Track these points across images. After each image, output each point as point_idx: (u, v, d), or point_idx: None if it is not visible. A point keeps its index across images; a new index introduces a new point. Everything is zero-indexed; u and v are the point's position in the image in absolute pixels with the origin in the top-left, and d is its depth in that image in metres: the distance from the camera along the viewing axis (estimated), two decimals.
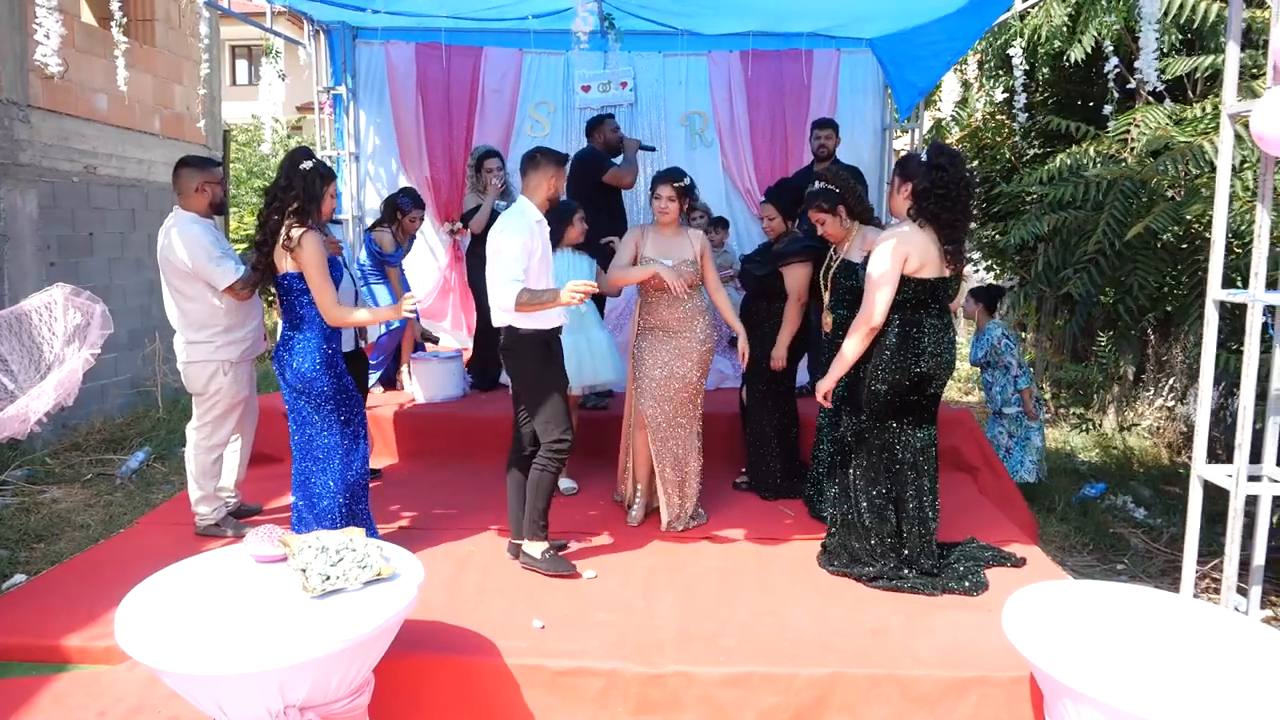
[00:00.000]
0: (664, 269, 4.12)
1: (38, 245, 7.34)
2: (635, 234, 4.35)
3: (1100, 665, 2.46)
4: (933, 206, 3.45)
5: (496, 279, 3.69)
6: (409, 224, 5.82)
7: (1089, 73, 7.50)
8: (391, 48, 7.04)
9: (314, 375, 3.63)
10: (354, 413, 3.80)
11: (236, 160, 15.23)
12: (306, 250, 3.54)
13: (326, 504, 3.69)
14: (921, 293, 3.52)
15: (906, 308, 3.54)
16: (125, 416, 7.98)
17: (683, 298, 4.20)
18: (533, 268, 3.71)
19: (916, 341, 3.54)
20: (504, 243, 3.69)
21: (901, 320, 3.55)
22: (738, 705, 2.99)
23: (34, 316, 3.61)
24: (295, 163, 3.62)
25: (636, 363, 4.32)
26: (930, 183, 3.45)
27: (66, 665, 3.19)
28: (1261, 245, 3.12)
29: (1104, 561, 5.51)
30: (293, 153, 3.70)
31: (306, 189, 3.59)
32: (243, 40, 22.63)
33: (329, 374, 3.67)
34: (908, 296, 3.51)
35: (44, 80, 7.23)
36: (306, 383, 3.64)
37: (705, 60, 7.22)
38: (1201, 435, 3.40)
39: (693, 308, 4.26)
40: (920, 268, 3.47)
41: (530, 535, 3.82)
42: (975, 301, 6.38)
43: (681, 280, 4.13)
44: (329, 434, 3.70)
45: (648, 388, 4.24)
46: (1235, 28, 3.22)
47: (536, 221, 3.76)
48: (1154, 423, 8.38)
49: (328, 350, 3.69)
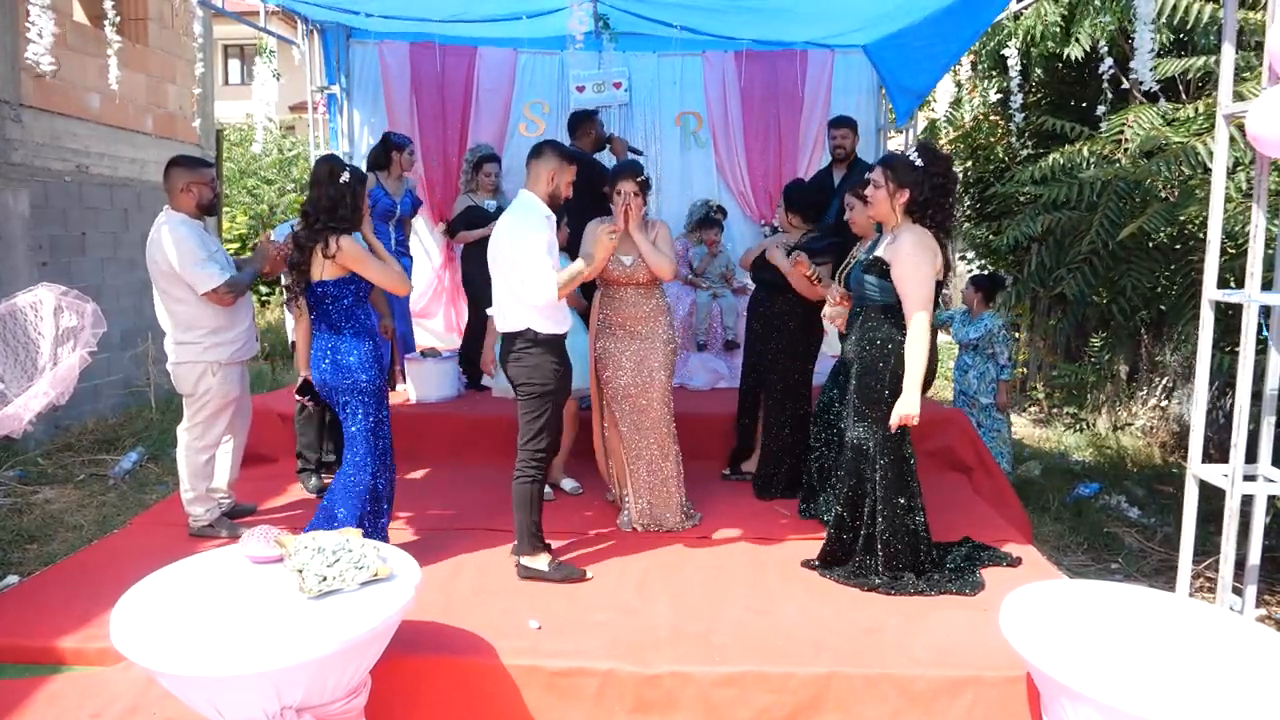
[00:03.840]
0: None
1: (29, 245, 7.31)
2: (593, 232, 4.20)
3: (1097, 664, 2.47)
4: (938, 215, 3.47)
5: (528, 274, 3.62)
6: (406, 159, 5.85)
7: (1083, 73, 7.53)
8: (386, 48, 7.02)
9: (359, 370, 3.63)
10: (386, 415, 3.80)
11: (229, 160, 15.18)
12: (347, 251, 3.56)
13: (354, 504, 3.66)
14: (935, 294, 3.53)
15: None
16: (118, 417, 7.95)
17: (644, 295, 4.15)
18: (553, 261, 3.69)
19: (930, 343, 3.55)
20: (528, 238, 3.63)
21: None
22: (733, 704, 2.99)
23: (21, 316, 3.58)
24: (334, 177, 3.59)
25: (600, 366, 4.25)
26: (932, 192, 3.45)
27: (60, 666, 3.17)
28: (1257, 245, 3.13)
29: (1098, 561, 5.52)
30: (325, 167, 3.64)
31: (354, 201, 3.60)
32: (236, 40, 22.56)
33: (374, 370, 3.68)
34: None
35: (35, 79, 7.19)
36: (353, 379, 3.62)
37: (700, 60, 7.22)
38: (1197, 435, 3.41)
39: (654, 307, 4.21)
40: (938, 269, 3.49)
41: (530, 550, 3.74)
42: (975, 290, 6.42)
43: (634, 207, 4.02)
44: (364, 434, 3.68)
45: (615, 394, 4.19)
46: (1231, 29, 3.23)
47: (546, 216, 3.72)
48: (1147, 422, 8.41)
49: (371, 346, 3.69)
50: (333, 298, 3.62)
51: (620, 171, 4.19)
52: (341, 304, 3.63)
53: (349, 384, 3.63)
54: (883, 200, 3.57)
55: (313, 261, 3.59)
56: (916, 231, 3.49)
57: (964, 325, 6.42)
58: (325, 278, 3.60)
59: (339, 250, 3.54)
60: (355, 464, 3.68)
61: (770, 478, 4.82)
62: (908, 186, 3.48)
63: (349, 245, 3.57)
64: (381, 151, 5.82)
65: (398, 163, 5.80)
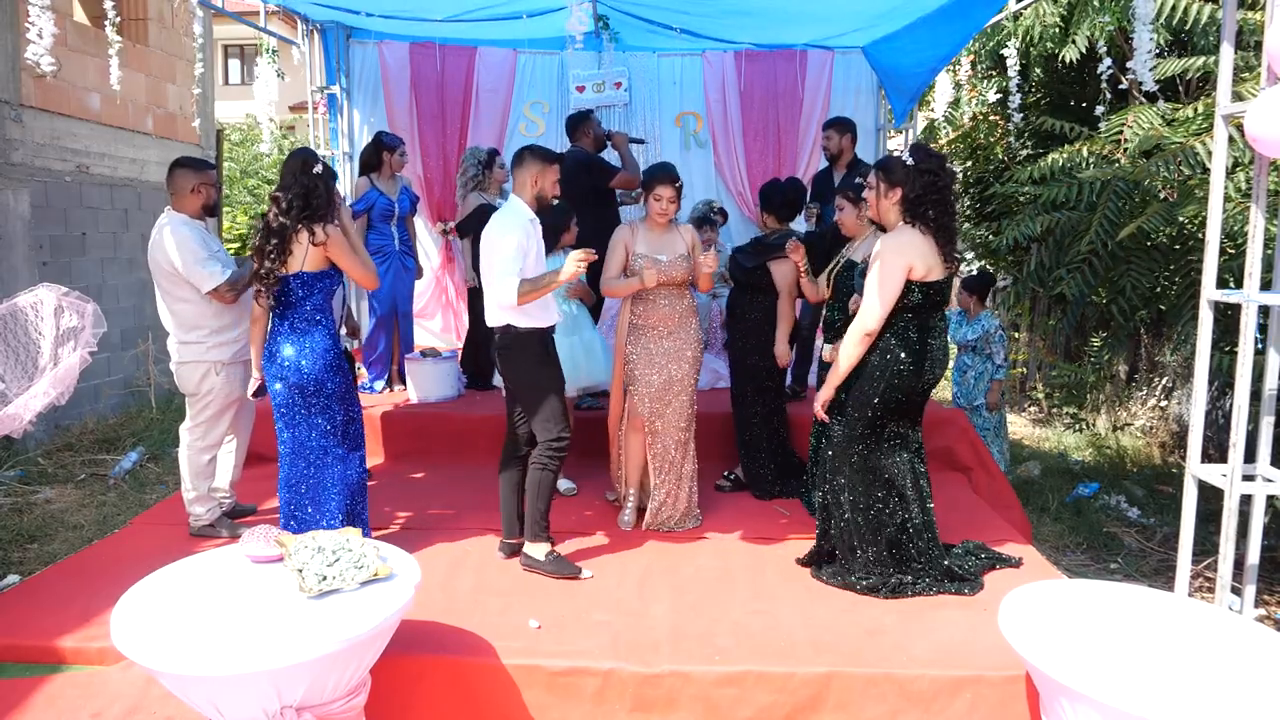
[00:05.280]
0: (652, 275, 4.05)
1: (30, 245, 7.31)
2: (624, 234, 4.26)
3: (1096, 664, 2.47)
4: (930, 212, 3.43)
5: (493, 276, 3.67)
6: (397, 160, 5.85)
7: (1082, 73, 7.53)
8: (385, 47, 7.03)
9: (324, 376, 3.62)
10: (355, 414, 3.81)
11: (229, 160, 15.19)
12: (334, 239, 3.58)
13: (334, 504, 3.69)
14: (934, 296, 3.50)
15: (921, 313, 3.50)
16: (118, 417, 7.95)
17: (676, 296, 4.18)
18: (528, 266, 3.69)
19: (931, 346, 3.53)
20: (499, 240, 3.68)
21: (918, 326, 3.51)
22: (734, 704, 2.99)
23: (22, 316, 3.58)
24: (307, 168, 3.58)
25: (630, 365, 4.27)
26: (923, 189, 3.42)
27: (60, 666, 3.18)
28: (1256, 245, 3.14)
29: (1098, 561, 5.53)
30: (299, 159, 3.63)
31: (326, 193, 3.60)
32: (236, 40, 22.58)
33: (338, 374, 3.68)
34: (921, 301, 3.47)
35: (36, 79, 7.20)
36: (316, 384, 3.61)
37: (699, 60, 7.22)
38: (1196, 435, 3.41)
39: (686, 308, 4.25)
40: (928, 272, 3.44)
41: (532, 537, 3.80)
42: (969, 294, 6.43)
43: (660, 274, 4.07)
44: (331, 435, 3.69)
45: (644, 393, 4.21)
46: (1230, 29, 3.23)
47: (530, 220, 3.76)
48: (1147, 422, 8.41)
49: (335, 350, 3.69)
50: (307, 291, 3.61)
51: (655, 176, 4.18)
52: (314, 300, 3.63)
53: (318, 388, 3.63)
54: (875, 202, 3.59)
55: (293, 251, 3.58)
56: (903, 235, 3.46)
57: (961, 326, 6.43)
58: (305, 269, 3.59)
59: (327, 238, 3.55)
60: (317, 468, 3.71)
61: (757, 480, 4.83)
62: (898, 185, 3.48)
63: (336, 234, 3.59)
64: (373, 151, 5.82)
65: (389, 163, 5.80)
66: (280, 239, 3.57)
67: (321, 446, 3.70)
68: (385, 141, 5.81)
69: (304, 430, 3.69)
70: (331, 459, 3.71)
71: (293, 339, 3.63)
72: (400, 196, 5.88)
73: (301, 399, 3.65)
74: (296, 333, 3.63)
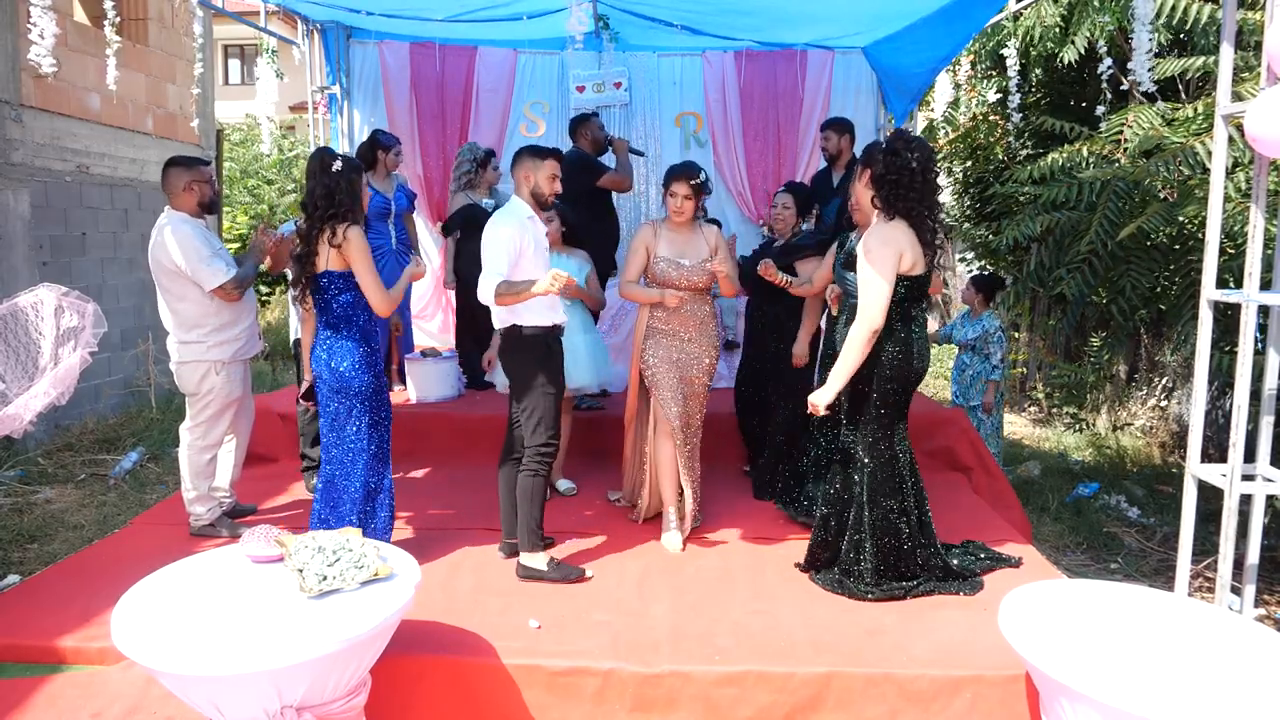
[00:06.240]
0: (675, 299, 4.00)
1: (30, 245, 7.31)
2: (646, 234, 4.16)
3: (1096, 664, 2.47)
4: (886, 192, 3.39)
5: (483, 272, 3.65)
6: (392, 159, 5.82)
7: (1082, 73, 7.54)
8: (386, 47, 7.03)
9: (352, 375, 3.61)
10: (385, 415, 3.79)
11: (230, 160, 15.20)
12: (354, 243, 3.53)
13: (347, 506, 3.67)
14: (916, 290, 3.49)
15: (904, 306, 3.49)
16: (118, 416, 7.95)
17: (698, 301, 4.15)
18: (523, 265, 3.67)
19: (915, 339, 3.53)
20: (492, 236, 3.67)
21: (902, 319, 3.50)
22: (734, 704, 2.99)
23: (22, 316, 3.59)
24: (326, 167, 3.56)
25: (649, 369, 4.13)
26: (885, 168, 3.38)
27: (61, 666, 3.18)
28: (1256, 245, 3.14)
29: (1098, 561, 5.53)
30: (317, 159, 3.62)
31: (350, 189, 3.57)
32: (236, 40, 22.57)
33: (369, 374, 3.66)
34: (904, 295, 3.45)
35: (36, 79, 7.20)
36: (345, 382, 3.61)
37: (700, 60, 7.23)
38: (1196, 435, 3.42)
39: (706, 313, 4.21)
40: (913, 265, 3.41)
41: (530, 547, 3.74)
42: (976, 291, 6.42)
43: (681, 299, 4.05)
44: (359, 437, 3.67)
45: (669, 397, 4.08)
46: (1229, 29, 3.23)
47: (528, 218, 3.75)
48: (1147, 422, 8.41)
49: (367, 350, 3.67)
50: (334, 289, 3.60)
51: (671, 172, 4.13)
52: (342, 299, 3.61)
53: (342, 387, 3.62)
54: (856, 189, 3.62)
55: (319, 252, 3.58)
56: (882, 229, 3.42)
57: (963, 325, 6.43)
58: (331, 268, 3.58)
59: (345, 240, 3.52)
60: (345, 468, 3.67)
61: (765, 480, 4.82)
62: (869, 166, 3.49)
63: (356, 236, 3.55)
64: (368, 150, 5.81)
65: (383, 162, 5.79)
66: (307, 240, 3.58)
67: (354, 447, 3.69)
68: (380, 140, 5.81)
69: (340, 429, 3.67)
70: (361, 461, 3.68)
71: (324, 337, 3.64)
72: (396, 194, 5.87)
73: (334, 397, 3.64)
74: (329, 330, 3.64)
